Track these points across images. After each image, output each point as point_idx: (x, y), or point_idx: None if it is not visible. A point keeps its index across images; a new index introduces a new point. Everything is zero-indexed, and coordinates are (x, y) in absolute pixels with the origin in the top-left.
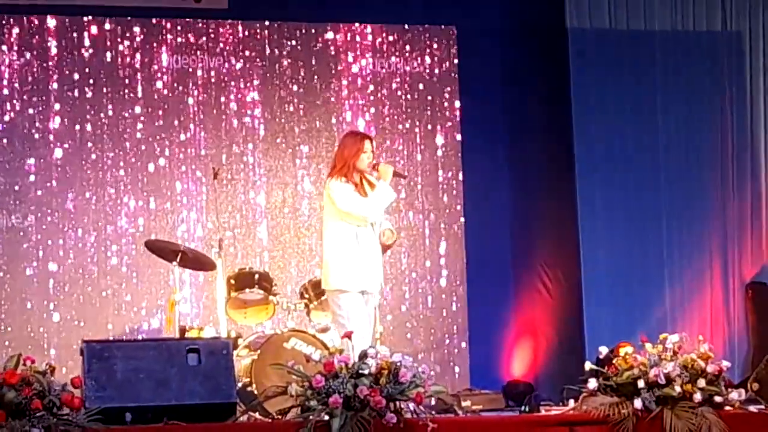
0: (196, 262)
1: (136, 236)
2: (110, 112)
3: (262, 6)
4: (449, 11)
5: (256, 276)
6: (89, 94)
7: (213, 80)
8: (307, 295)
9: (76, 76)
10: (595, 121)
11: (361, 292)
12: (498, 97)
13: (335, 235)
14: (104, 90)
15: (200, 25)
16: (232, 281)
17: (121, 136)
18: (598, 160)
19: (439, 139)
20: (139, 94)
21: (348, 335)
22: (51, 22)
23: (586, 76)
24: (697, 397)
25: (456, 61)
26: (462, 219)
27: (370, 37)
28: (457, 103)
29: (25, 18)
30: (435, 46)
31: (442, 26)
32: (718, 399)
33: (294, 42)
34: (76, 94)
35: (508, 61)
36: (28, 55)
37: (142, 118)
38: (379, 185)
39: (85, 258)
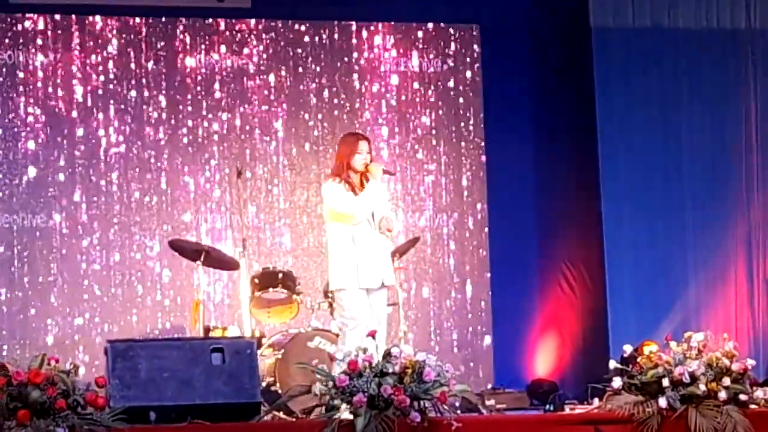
0: (220, 261)
1: (160, 235)
2: (131, 111)
3: (285, 5)
4: (472, 10)
5: (280, 275)
6: (112, 92)
7: (236, 79)
8: (330, 294)
9: (101, 77)
10: (619, 119)
11: (364, 289)
12: (522, 96)
13: (333, 236)
14: (126, 89)
15: (223, 23)
16: (256, 280)
17: (143, 135)
18: (622, 158)
19: (463, 138)
20: (163, 93)
21: (372, 334)
22: (76, 20)
23: (610, 75)
24: (722, 395)
25: (479, 59)
26: (486, 218)
27: (392, 36)
28: (481, 102)
29: (47, 17)
30: (458, 45)
31: (465, 25)
32: (743, 397)
33: (317, 40)
34: (99, 92)
35: (532, 59)
36: (51, 56)
37: (165, 117)
38: (369, 184)
39: (109, 257)
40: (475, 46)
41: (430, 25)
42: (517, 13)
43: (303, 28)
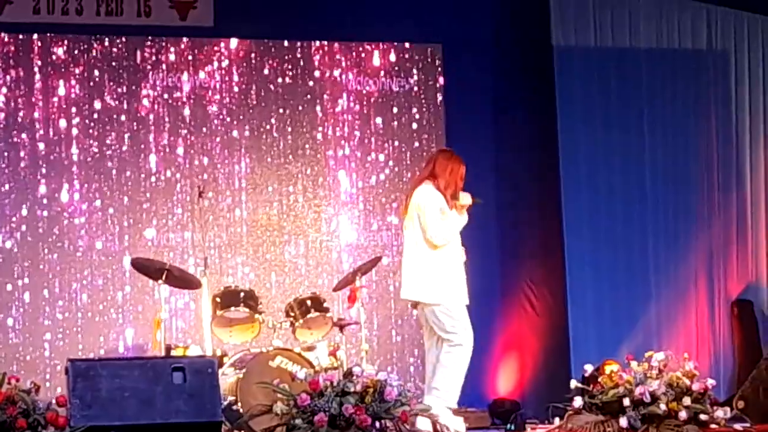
0: (182, 280)
1: (121, 254)
2: (96, 131)
3: (248, 24)
4: (436, 29)
5: (242, 294)
6: (72, 111)
7: (198, 97)
8: (292, 314)
9: (62, 94)
10: (581, 137)
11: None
12: (484, 113)
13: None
14: (90, 107)
15: (186, 42)
16: (218, 299)
17: (106, 153)
18: (583, 176)
19: (426, 156)
20: (125, 112)
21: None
22: (40, 42)
23: (572, 93)
24: (683, 415)
25: (442, 78)
26: None
27: (355, 55)
28: (443, 120)
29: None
30: (421, 64)
31: (429, 44)
32: (703, 417)
33: (279, 59)
34: (62, 111)
35: (495, 78)
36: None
37: (127, 135)
38: (458, 216)
39: (70, 276)
40: (439, 65)
41: (394, 44)
42: (480, 31)
43: (265, 47)
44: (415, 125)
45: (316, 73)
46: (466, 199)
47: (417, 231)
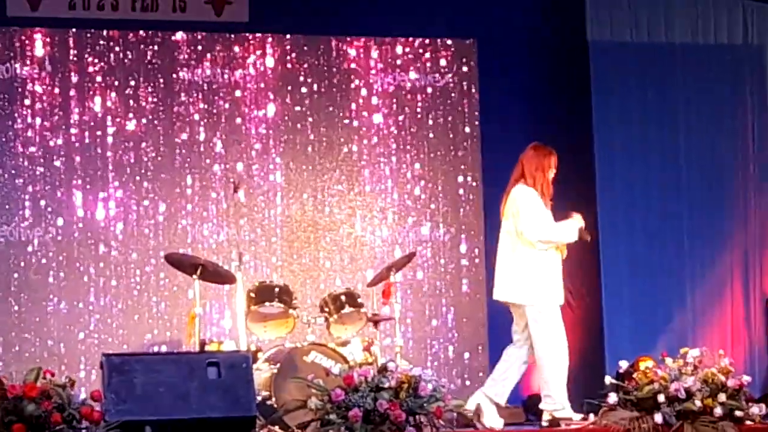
0: (216, 275)
1: (157, 249)
2: (131, 126)
3: (283, 19)
4: (469, 24)
5: (276, 289)
6: (110, 106)
7: (233, 93)
8: (327, 309)
9: (99, 85)
10: (616, 133)
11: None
12: (519, 110)
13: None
14: (125, 103)
15: (221, 38)
16: (252, 295)
17: (141, 148)
18: (619, 173)
19: (460, 152)
20: (160, 107)
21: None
22: (76, 35)
23: (607, 89)
24: (718, 411)
25: (476, 74)
26: (483, 233)
27: (389, 50)
28: (478, 116)
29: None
30: (455, 59)
31: (463, 39)
32: (738, 413)
33: (314, 55)
34: (97, 108)
35: (529, 74)
36: (50, 67)
37: (162, 131)
38: (569, 223)
39: (106, 271)
40: (473, 60)
41: (427, 40)
42: (514, 26)
43: (300, 42)
44: (449, 121)
45: (351, 68)
46: (577, 218)
47: (511, 233)
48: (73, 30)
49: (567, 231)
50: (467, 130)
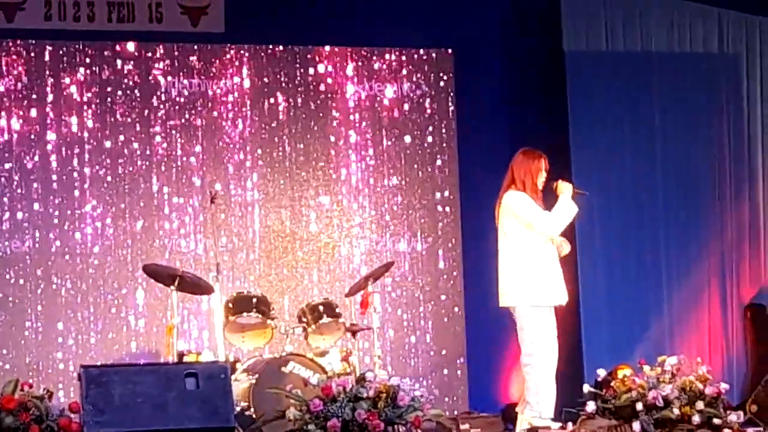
0: (194, 286)
1: (134, 261)
2: (107, 136)
3: (259, 30)
4: (446, 35)
5: (254, 300)
6: (85, 118)
7: (209, 104)
8: (305, 319)
9: (75, 98)
10: (593, 143)
11: (551, 306)
12: (496, 121)
13: (523, 248)
14: (99, 114)
15: (197, 48)
16: (230, 305)
17: (116, 159)
18: (596, 181)
19: (437, 163)
20: (135, 118)
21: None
22: (48, 47)
23: (583, 99)
24: (696, 419)
25: (453, 85)
26: (460, 241)
27: (366, 61)
28: (455, 127)
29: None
30: (432, 70)
31: (440, 51)
32: (716, 421)
33: (291, 65)
34: (73, 119)
35: (506, 84)
36: (25, 79)
37: (137, 142)
38: (562, 200)
39: (83, 282)
40: (449, 72)
41: (404, 51)
42: (490, 37)
43: (277, 52)
44: (426, 132)
45: (327, 79)
46: (563, 188)
47: (506, 239)
48: (49, 42)
49: (566, 204)
50: (444, 141)
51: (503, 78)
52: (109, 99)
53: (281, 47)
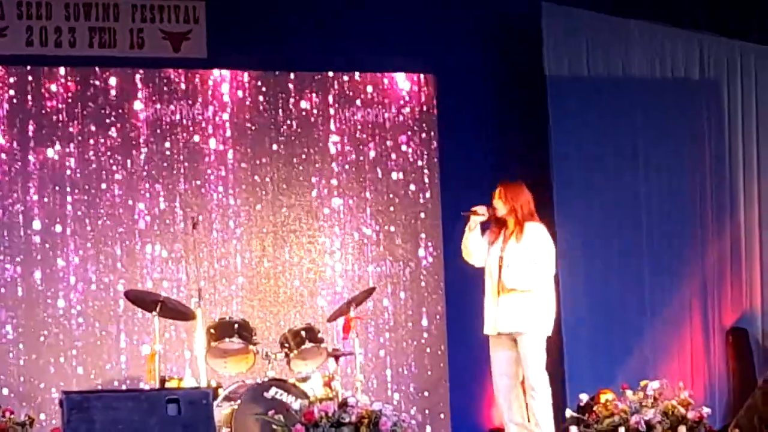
0: (176, 311)
1: (116, 286)
2: (88, 160)
3: (241, 55)
4: (428, 60)
5: (236, 325)
6: (66, 143)
7: (192, 129)
8: (287, 345)
9: (55, 123)
10: (574, 167)
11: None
12: (478, 145)
13: (549, 280)
14: (80, 140)
15: (179, 73)
16: (212, 331)
17: (99, 185)
18: (577, 206)
19: (419, 188)
20: (117, 144)
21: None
22: (32, 70)
23: (565, 124)
24: None
25: (435, 109)
26: (443, 267)
27: (348, 86)
28: (437, 152)
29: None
30: (414, 94)
31: (422, 75)
32: None
33: (272, 90)
34: (54, 144)
35: (488, 109)
36: (7, 105)
37: (120, 168)
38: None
39: (65, 308)
40: (432, 96)
41: (386, 75)
42: (472, 62)
43: (258, 78)
44: (408, 156)
45: (309, 104)
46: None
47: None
48: (29, 68)
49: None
50: (426, 165)
51: (485, 103)
52: (91, 125)
53: (263, 72)
